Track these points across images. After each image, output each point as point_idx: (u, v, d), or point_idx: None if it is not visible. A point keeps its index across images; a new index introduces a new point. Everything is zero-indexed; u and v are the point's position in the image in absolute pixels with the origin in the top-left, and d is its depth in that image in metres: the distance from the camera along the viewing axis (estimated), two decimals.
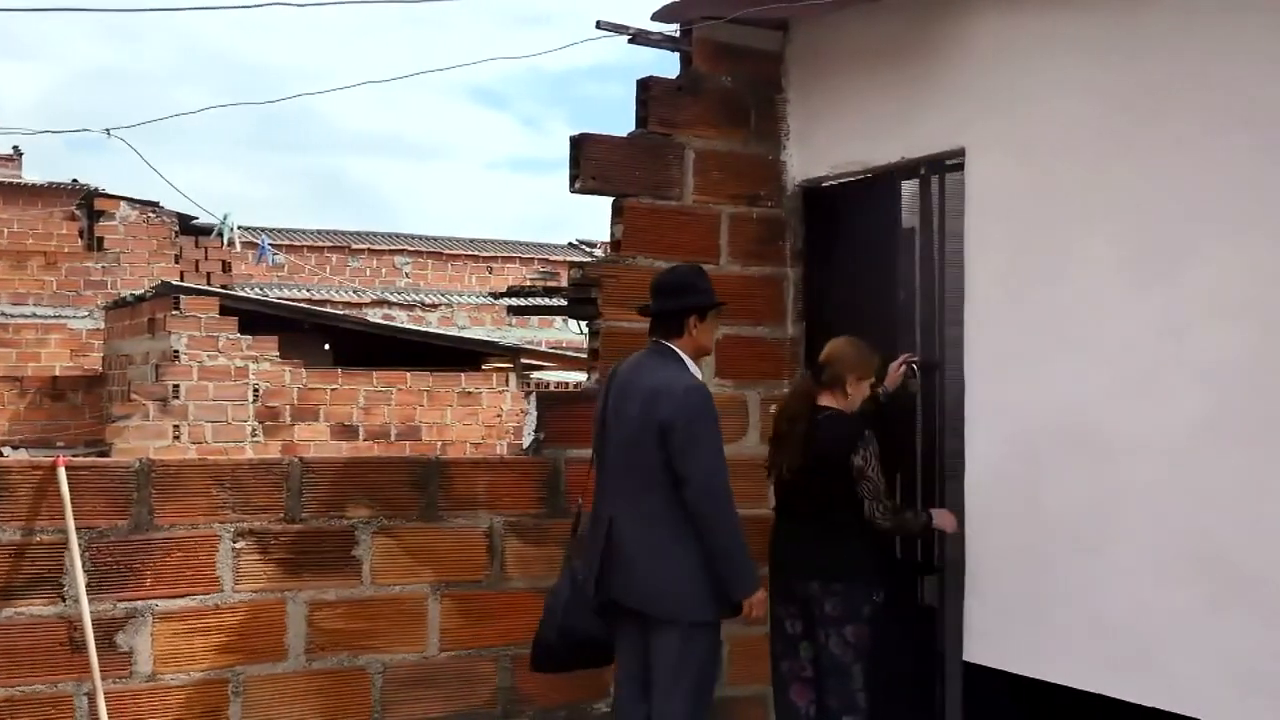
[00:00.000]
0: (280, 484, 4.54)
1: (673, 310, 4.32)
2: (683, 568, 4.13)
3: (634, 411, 4.22)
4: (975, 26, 4.67)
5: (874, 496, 4.52)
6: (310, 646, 4.57)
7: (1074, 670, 4.24)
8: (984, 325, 4.62)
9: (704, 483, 4.10)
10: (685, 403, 4.13)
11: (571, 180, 5.18)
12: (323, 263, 24.27)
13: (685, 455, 4.09)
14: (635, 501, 4.22)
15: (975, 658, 4.60)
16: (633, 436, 4.22)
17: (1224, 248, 3.83)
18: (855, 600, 4.53)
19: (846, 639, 4.53)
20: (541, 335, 20.42)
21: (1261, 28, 3.73)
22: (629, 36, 5.35)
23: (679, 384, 4.18)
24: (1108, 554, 4.14)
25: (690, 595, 4.15)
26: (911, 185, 5.96)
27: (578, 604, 4.29)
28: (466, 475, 4.89)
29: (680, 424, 4.10)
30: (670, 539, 4.14)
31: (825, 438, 4.59)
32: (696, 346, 4.37)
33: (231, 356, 13.19)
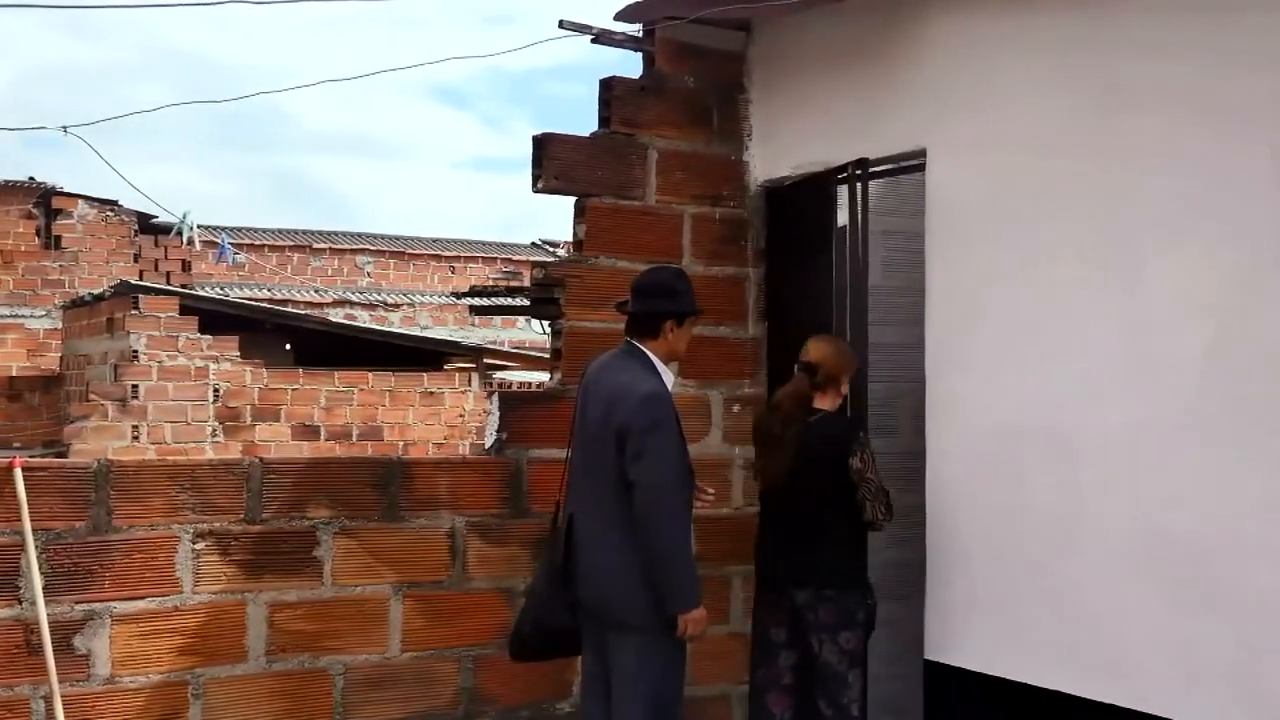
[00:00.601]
0: (241, 485, 4.51)
1: (651, 312, 4.28)
2: (640, 572, 4.05)
3: (596, 413, 4.20)
4: (937, 27, 4.69)
5: (875, 498, 4.50)
6: (271, 648, 4.55)
7: (1035, 668, 4.27)
8: (944, 325, 4.64)
9: (650, 492, 4.01)
10: (641, 409, 4.07)
11: (534, 180, 5.18)
12: (284, 262, 24.13)
13: (635, 462, 4.02)
14: (595, 504, 4.19)
15: (937, 656, 4.63)
16: (594, 439, 4.20)
17: (1186, 247, 3.86)
18: (849, 606, 4.52)
19: (841, 646, 4.50)
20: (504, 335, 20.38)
21: (1223, 26, 3.77)
22: (592, 36, 5.35)
23: (639, 389, 4.12)
24: (1069, 552, 4.17)
25: (646, 602, 4.06)
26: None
27: (552, 597, 4.26)
28: (428, 475, 4.87)
29: (634, 430, 4.04)
30: (627, 544, 4.07)
31: (819, 440, 4.55)
32: (670, 350, 4.32)
33: (191, 356, 13.10)
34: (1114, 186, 4.06)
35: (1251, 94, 3.67)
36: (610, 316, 5.09)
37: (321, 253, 24.61)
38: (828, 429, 4.59)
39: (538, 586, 4.38)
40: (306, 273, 24.25)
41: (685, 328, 4.33)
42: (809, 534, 4.57)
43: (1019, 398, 4.35)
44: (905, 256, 5.96)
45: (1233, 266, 3.73)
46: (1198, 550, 3.80)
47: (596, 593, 4.18)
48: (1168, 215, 3.91)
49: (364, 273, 24.77)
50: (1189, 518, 3.83)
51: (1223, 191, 3.76)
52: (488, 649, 4.92)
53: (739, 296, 5.53)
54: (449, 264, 25.79)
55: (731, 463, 5.43)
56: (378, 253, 25.13)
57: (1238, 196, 3.72)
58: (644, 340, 4.28)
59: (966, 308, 4.55)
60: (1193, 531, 3.82)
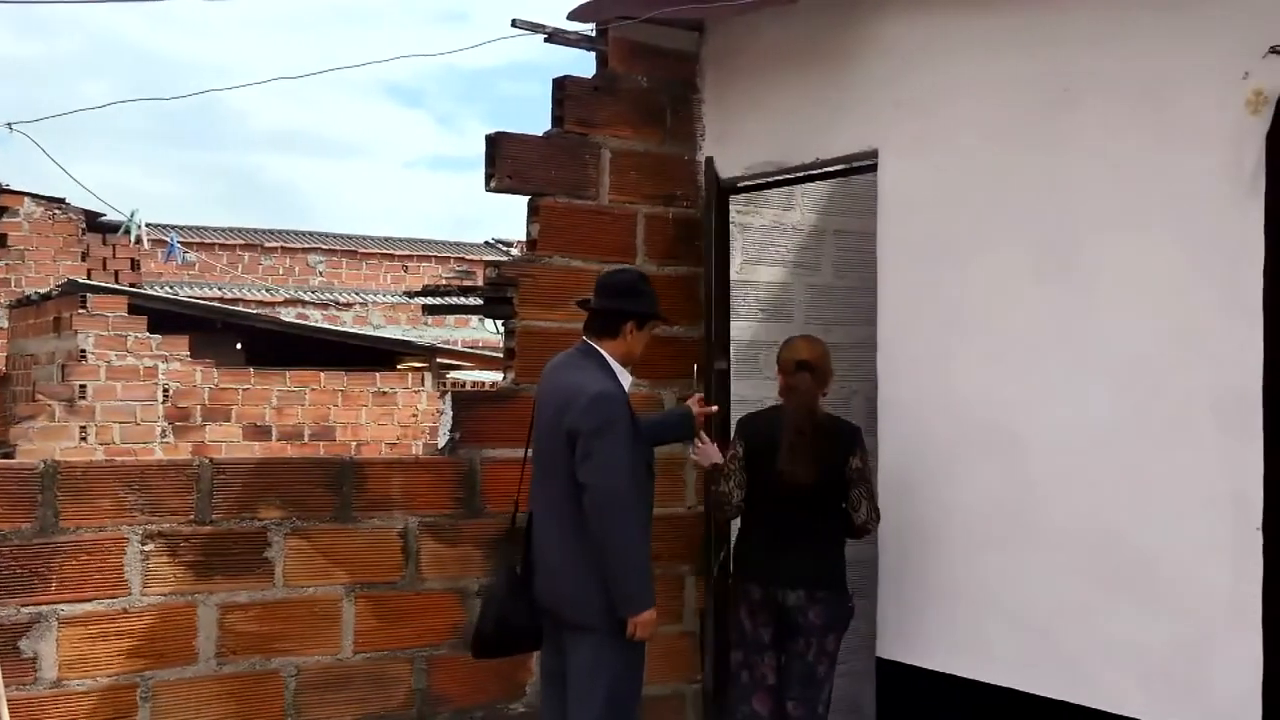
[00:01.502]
0: (190, 485, 4.47)
1: (613, 310, 4.26)
2: (594, 573, 4.04)
3: (549, 413, 4.19)
4: (889, 28, 4.72)
5: (870, 498, 4.49)
6: (221, 650, 4.51)
7: (986, 666, 4.31)
8: (895, 324, 4.67)
9: (600, 494, 3.99)
10: (591, 409, 4.03)
11: (487, 179, 5.16)
12: (235, 261, 23.95)
13: (585, 463, 4.00)
14: (550, 504, 4.18)
15: (890, 654, 4.66)
16: (547, 439, 4.19)
17: (1135, 247, 3.90)
18: (838, 609, 4.53)
19: (826, 648, 4.51)
20: (458, 334, 20.32)
21: (1171, 27, 3.81)
22: (545, 35, 5.34)
23: (589, 389, 4.08)
24: (1016, 549, 4.21)
25: (600, 603, 4.05)
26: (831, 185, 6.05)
27: (513, 596, 4.24)
28: (381, 475, 4.85)
29: (584, 431, 4.01)
30: (581, 545, 4.05)
31: (830, 442, 4.49)
32: (627, 352, 4.29)
33: (140, 356, 12.98)
34: (1063, 187, 4.11)
35: (1199, 94, 3.72)
36: (564, 316, 5.10)
37: (273, 251, 24.45)
38: (833, 429, 4.57)
39: (498, 586, 4.37)
40: (258, 272, 24.08)
41: (644, 331, 4.32)
42: (808, 535, 4.53)
43: (969, 397, 4.39)
44: (857, 256, 6.02)
45: (1181, 267, 3.78)
46: (1143, 547, 3.85)
47: (552, 593, 4.18)
48: (1117, 216, 3.95)
49: (316, 272, 24.63)
50: (1135, 515, 3.87)
51: (1171, 192, 3.80)
52: (441, 649, 4.91)
53: (692, 296, 5.54)
54: (402, 263, 25.70)
55: (684, 461, 5.43)
56: (330, 252, 25.00)
57: (1186, 197, 3.76)
58: (601, 340, 4.26)
59: (917, 307, 4.59)
60: (1139, 528, 3.86)
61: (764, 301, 5.91)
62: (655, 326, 4.40)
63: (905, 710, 4.65)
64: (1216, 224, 3.67)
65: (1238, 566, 3.60)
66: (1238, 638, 3.60)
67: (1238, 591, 3.60)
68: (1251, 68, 3.55)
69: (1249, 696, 3.58)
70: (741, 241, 5.78)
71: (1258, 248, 3.57)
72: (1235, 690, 3.61)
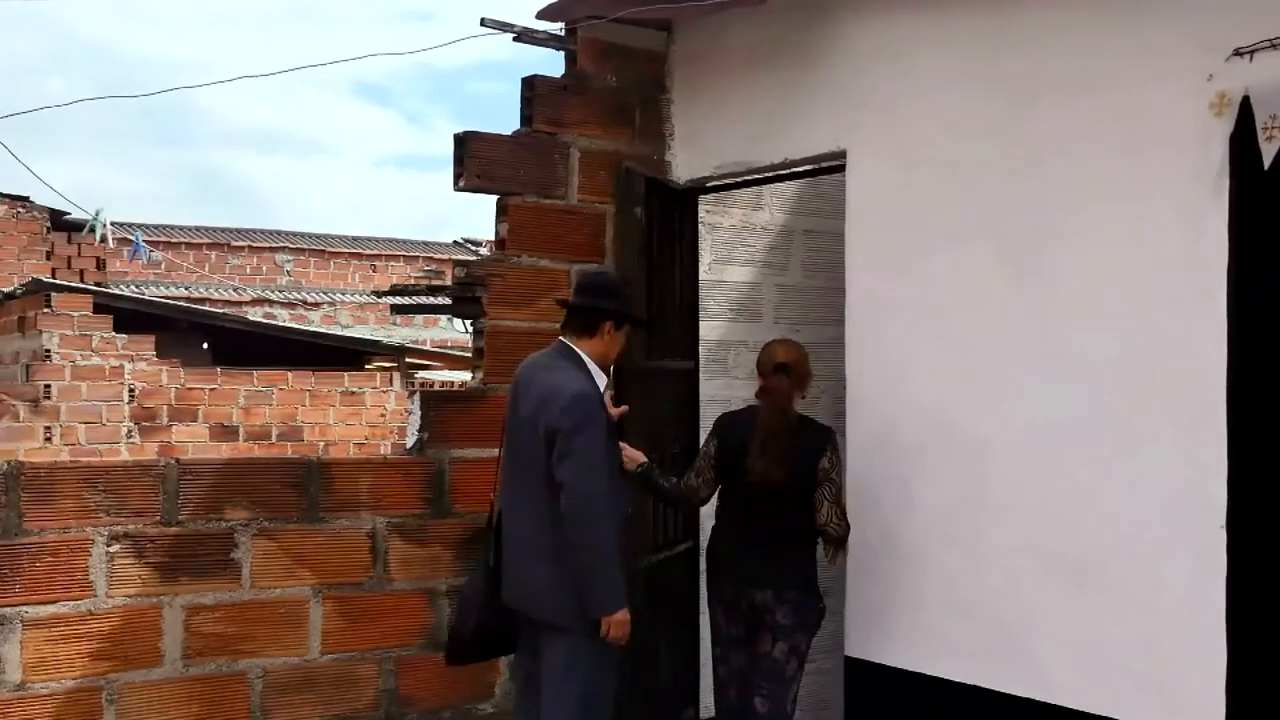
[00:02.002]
0: (156, 486, 4.44)
1: (592, 308, 4.26)
2: (568, 573, 4.02)
3: (526, 413, 4.16)
4: (857, 28, 4.73)
5: (834, 499, 4.48)
6: (187, 652, 4.48)
7: (951, 663, 4.33)
8: (863, 324, 4.69)
9: (577, 494, 3.97)
10: (569, 409, 4.02)
11: (456, 178, 5.15)
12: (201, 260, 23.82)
13: (563, 462, 3.99)
14: (523, 504, 4.17)
15: (857, 653, 4.67)
16: (523, 438, 4.16)
17: (1098, 248, 3.93)
18: (807, 609, 4.54)
19: (795, 647, 4.53)
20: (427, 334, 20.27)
21: (1135, 27, 3.84)
22: (514, 34, 5.33)
23: (568, 388, 4.07)
24: (978, 549, 4.23)
25: (574, 604, 4.03)
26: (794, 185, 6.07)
27: (491, 598, 4.24)
28: (349, 476, 4.83)
29: (563, 430, 4.00)
30: (556, 546, 4.03)
31: (801, 445, 4.51)
32: (604, 352, 4.28)
33: (106, 356, 12.88)
34: (1030, 188, 4.13)
35: (1164, 95, 3.74)
36: (533, 315, 5.10)
37: (240, 250, 24.33)
38: (806, 430, 4.58)
39: (472, 588, 4.35)
40: (224, 271, 23.96)
41: (621, 332, 4.32)
42: (777, 536, 4.54)
43: (935, 397, 4.41)
44: (826, 256, 6.04)
45: (1146, 267, 3.80)
46: (1108, 546, 3.88)
47: (523, 594, 4.17)
48: (1082, 216, 3.97)
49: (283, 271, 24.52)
50: (1099, 514, 3.90)
51: (1137, 193, 3.82)
52: (409, 650, 4.89)
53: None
54: (370, 262, 25.62)
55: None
56: (297, 251, 24.89)
57: (1151, 198, 3.78)
58: (579, 339, 4.25)
59: (885, 307, 4.60)
60: (1103, 527, 3.89)
61: (733, 301, 5.93)
62: (632, 331, 4.42)
63: (872, 708, 4.67)
64: (1182, 225, 3.70)
65: (1201, 564, 3.63)
66: (1201, 635, 3.63)
67: (1201, 589, 3.63)
68: (1215, 70, 3.58)
69: (1213, 694, 3.60)
70: (710, 241, 5.79)
71: (1222, 248, 3.59)
72: (1199, 688, 3.63)
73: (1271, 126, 3.39)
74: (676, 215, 5.53)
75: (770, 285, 6.07)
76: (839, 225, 4.87)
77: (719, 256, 5.85)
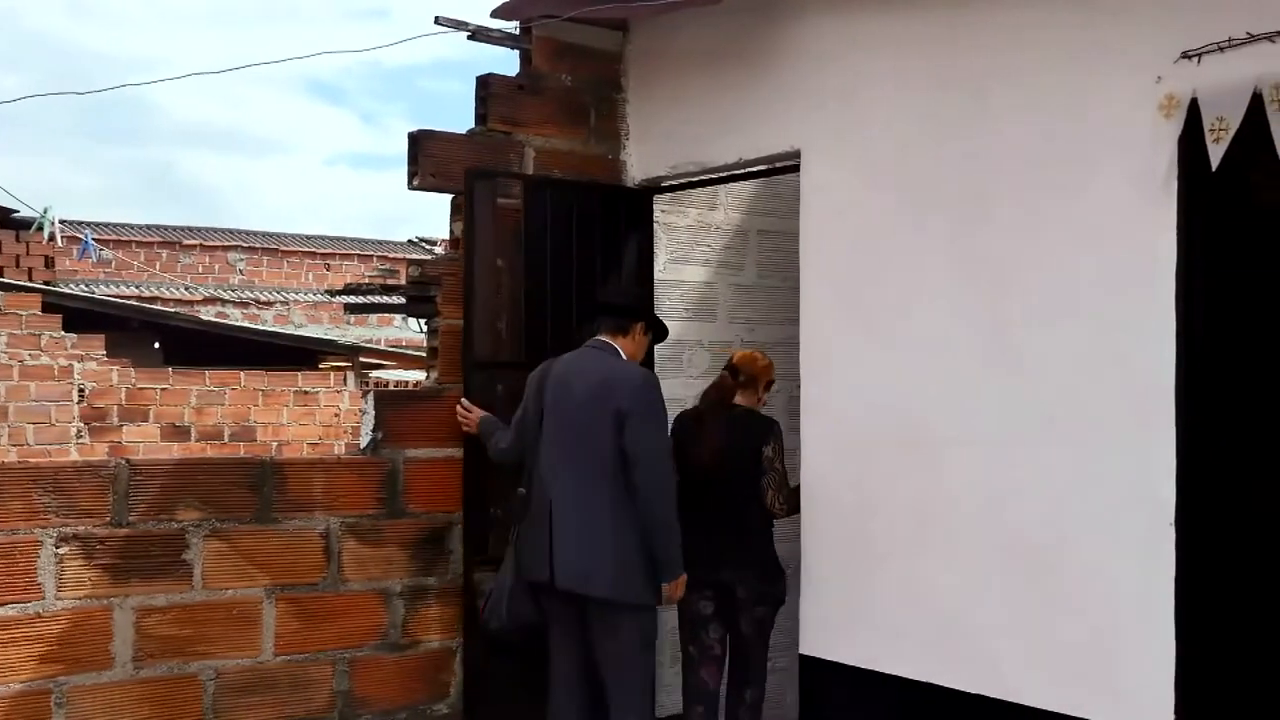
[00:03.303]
0: (106, 487, 4.39)
1: (629, 308, 4.73)
2: (628, 550, 4.36)
3: (583, 398, 4.46)
4: (811, 28, 4.75)
5: (777, 486, 4.85)
6: (138, 654, 4.44)
7: (905, 661, 4.35)
8: (817, 325, 4.70)
9: (654, 468, 4.38)
10: (644, 391, 4.46)
11: (410, 177, 5.13)
12: (152, 259, 23.60)
13: (640, 441, 4.35)
14: (586, 485, 4.42)
15: (811, 651, 4.69)
16: (583, 423, 4.44)
17: (1049, 250, 3.95)
18: (765, 585, 4.94)
19: (757, 619, 4.95)
20: (381, 334, 20.19)
21: (1089, 31, 3.86)
22: (468, 33, 5.31)
23: (636, 373, 4.55)
24: (933, 547, 4.26)
25: (638, 577, 4.38)
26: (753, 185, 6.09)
27: (521, 591, 4.52)
28: (302, 476, 4.80)
29: (639, 410, 4.38)
30: (616, 523, 4.36)
31: (740, 430, 4.91)
32: (633, 352, 4.68)
33: (55, 355, 12.74)
34: (981, 189, 4.15)
35: (1114, 97, 3.77)
36: None
37: (192, 249, 24.14)
38: (747, 420, 4.96)
39: (505, 581, 4.58)
40: (176, 269, 23.76)
41: (646, 337, 4.78)
42: (730, 520, 4.90)
43: (889, 396, 4.43)
44: (781, 256, 6.07)
45: (1094, 271, 3.83)
46: (1059, 544, 3.91)
47: (585, 575, 4.37)
48: (1033, 217, 4.00)
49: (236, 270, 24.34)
50: (1050, 512, 3.93)
51: (1088, 193, 3.85)
52: (364, 651, 4.87)
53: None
54: (324, 261, 25.48)
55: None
56: (250, 249, 24.72)
57: (1102, 199, 3.82)
58: (615, 336, 4.65)
59: (838, 306, 4.62)
60: (1054, 525, 3.92)
61: (689, 301, 5.93)
62: (650, 339, 4.85)
63: (827, 705, 4.69)
64: (1132, 225, 3.73)
65: (1151, 562, 3.67)
66: (1151, 632, 3.67)
67: (1151, 586, 3.67)
68: (1164, 72, 3.62)
69: (1162, 691, 3.64)
70: (666, 241, 5.80)
71: (1170, 249, 3.63)
72: (1149, 685, 3.67)
73: (1219, 128, 3.43)
74: (624, 214, 5.53)
75: (726, 285, 6.08)
76: (794, 225, 4.89)
77: (675, 256, 5.85)
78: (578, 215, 5.34)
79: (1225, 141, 3.41)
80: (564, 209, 5.31)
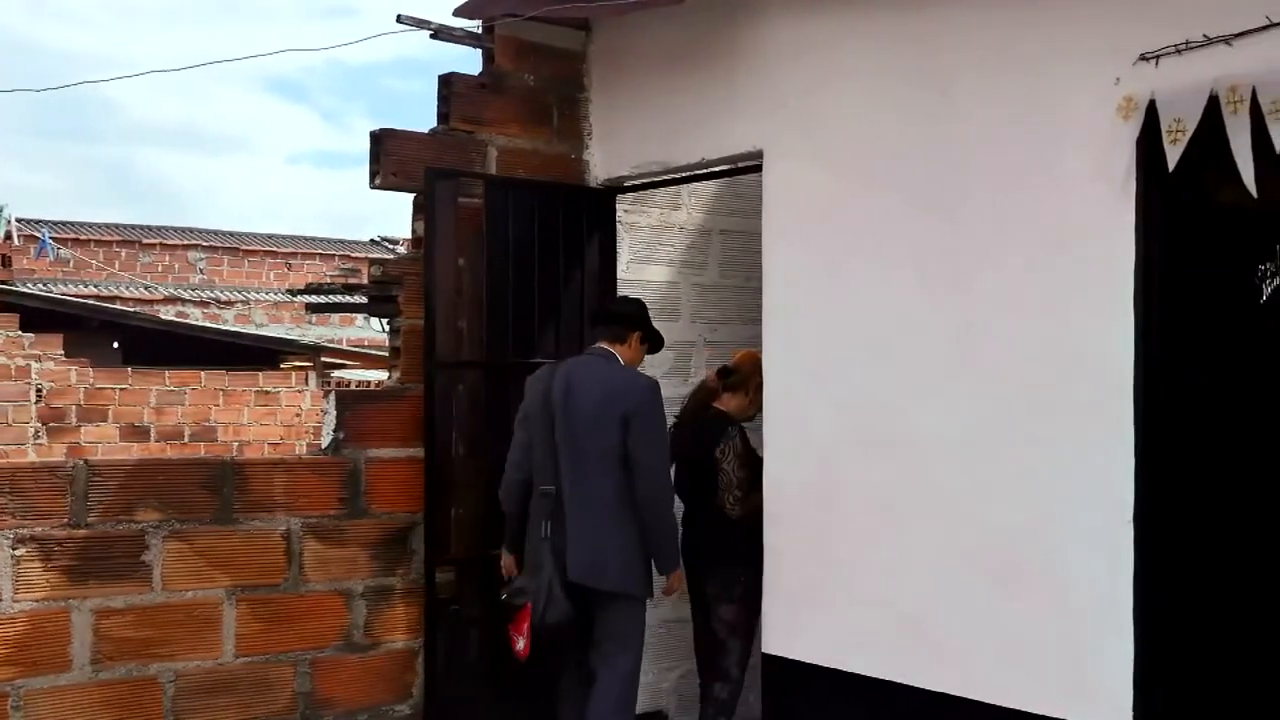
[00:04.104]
0: (64, 488, 4.35)
1: (627, 316, 4.95)
2: (631, 546, 4.65)
3: (591, 401, 4.67)
4: (774, 29, 4.76)
5: (726, 488, 5.06)
6: (97, 656, 4.40)
7: (869, 659, 4.36)
8: (780, 324, 4.71)
9: (655, 469, 4.67)
10: (648, 396, 4.71)
11: (372, 176, 5.11)
12: (111, 257, 23.41)
13: (642, 444, 4.62)
14: (589, 484, 4.65)
15: (775, 650, 4.70)
16: (588, 426, 4.66)
17: (1011, 252, 3.97)
18: (726, 583, 5.11)
19: (722, 617, 5.13)
20: (343, 333, 20.10)
21: (1049, 32, 3.88)
22: (431, 32, 5.29)
23: (640, 380, 4.80)
24: (899, 546, 4.28)
25: (638, 570, 4.69)
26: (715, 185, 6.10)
27: (566, 583, 4.62)
28: (263, 476, 4.77)
29: (643, 415, 4.65)
30: (620, 520, 4.63)
31: (704, 435, 5.17)
32: (630, 359, 4.92)
33: (12, 355, 12.63)
34: (942, 190, 4.17)
35: (1074, 99, 3.80)
36: None
37: (152, 248, 23.95)
38: (712, 425, 5.19)
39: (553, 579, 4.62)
40: (136, 269, 23.57)
41: (643, 347, 5.00)
42: (694, 516, 5.23)
43: (852, 395, 4.44)
44: (744, 256, 6.08)
45: (1056, 268, 3.85)
46: (1021, 542, 3.93)
47: (593, 567, 4.61)
48: (995, 217, 4.02)
49: (196, 269, 24.17)
50: (1012, 511, 3.95)
51: (1048, 194, 3.88)
52: (325, 652, 4.85)
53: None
54: (285, 260, 25.33)
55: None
56: (211, 248, 24.56)
57: (1062, 200, 3.84)
58: (615, 345, 4.88)
59: (802, 306, 4.63)
60: (1016, 524, 3.94)
61: (652, 300, 5.93)
62: (646, 350, 5.05)
63: (791, 705, 4.70)
64: (1092, 226, 3.75)
65: (1111, 559, 3.69)
66: (1111, 629, 3.69)
67: (1111, 584, 3.69)
68: (1122, 74, 3.65)
69: (1122, 687, 3.67)
70: (629, 240, 5.80)
71: (1129, 250, 3.66)
72: (1108, 681, 3.69)
73: (1176, 129, 3.46)
74: (586, 213, 5.52)
75: (689, 284, 6.09)
76: (757, 225, 4.90)
77: (637, 256, 5.85)
78: (540, 215, 5.33)
79: (1182, 143, 3.44)
80: (526, 208, 5.30)
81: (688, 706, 5.77)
